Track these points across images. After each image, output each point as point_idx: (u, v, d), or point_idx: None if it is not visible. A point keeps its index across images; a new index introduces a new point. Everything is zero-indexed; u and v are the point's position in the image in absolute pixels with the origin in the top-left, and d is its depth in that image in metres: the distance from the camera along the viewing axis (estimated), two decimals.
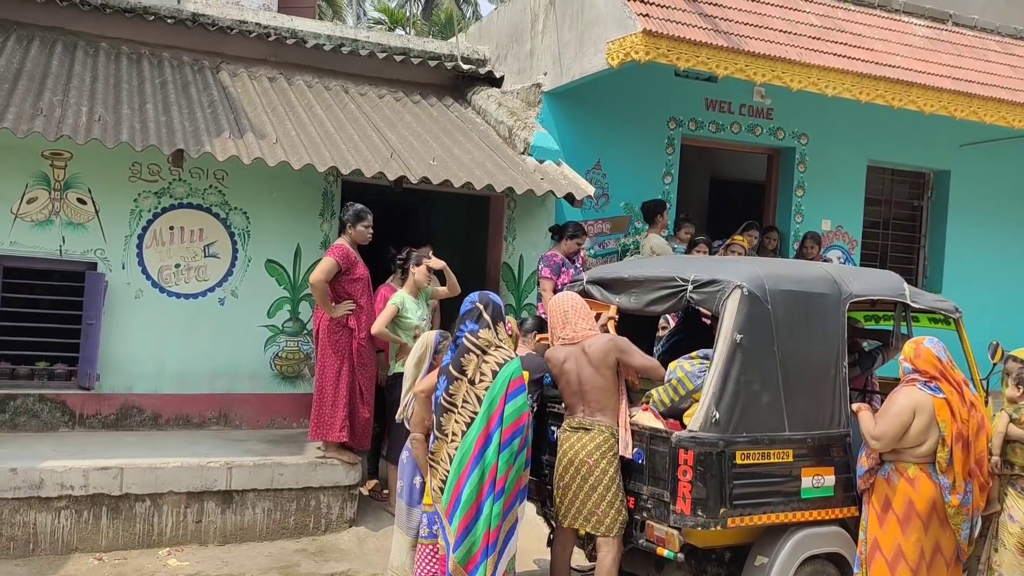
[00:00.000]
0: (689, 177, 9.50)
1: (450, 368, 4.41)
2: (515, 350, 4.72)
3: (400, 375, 6.00)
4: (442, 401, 4.41)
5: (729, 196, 10.95)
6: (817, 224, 9.33)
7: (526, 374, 4.47)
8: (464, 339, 4.40)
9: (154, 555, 5.61)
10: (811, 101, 8.22)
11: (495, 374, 4.31)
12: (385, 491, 6.64)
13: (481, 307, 4.47)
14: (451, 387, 4.39)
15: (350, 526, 6.22)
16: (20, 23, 7.61)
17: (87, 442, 6.15)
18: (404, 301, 6.33)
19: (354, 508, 6.27)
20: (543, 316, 6.13)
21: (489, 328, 4.42)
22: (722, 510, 4.35)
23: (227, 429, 6.92)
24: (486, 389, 4.30)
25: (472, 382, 4.34)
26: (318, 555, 5.87)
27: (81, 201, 6.56)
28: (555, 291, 6.42)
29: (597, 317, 5.15)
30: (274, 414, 7.11)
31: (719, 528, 4.38)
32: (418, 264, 6.40)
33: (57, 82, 6.78)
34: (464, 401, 4.35)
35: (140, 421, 6.71)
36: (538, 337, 5.65)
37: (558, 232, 7.29)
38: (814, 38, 7.79)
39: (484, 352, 4.37)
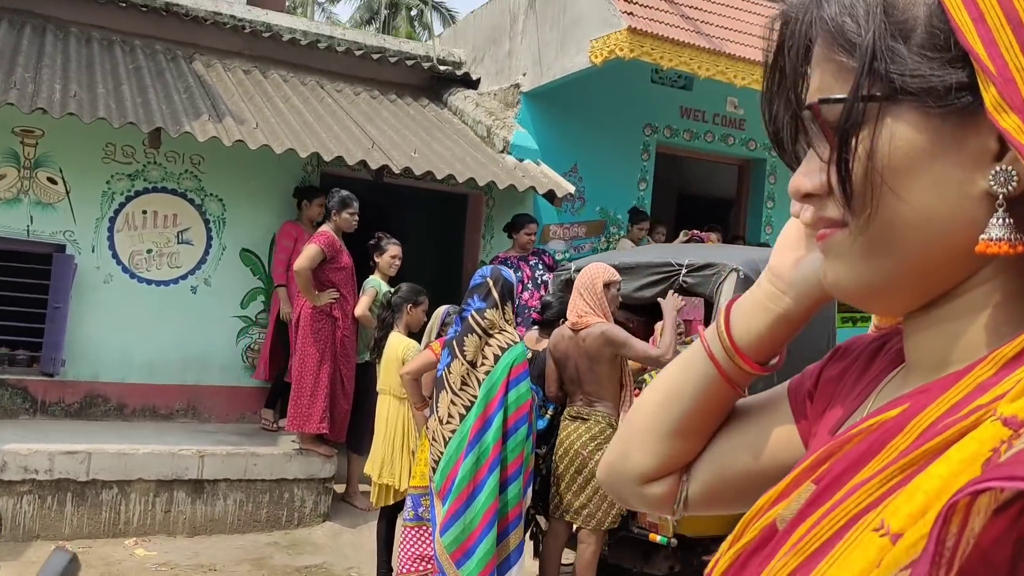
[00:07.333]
0: (659, 189, 9.54)
1: (453, 344, 4.28)
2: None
3: (367, 363, 5.92)
4: (443, 377, 4.27)
5: (696, 210, 11.01)
6: None
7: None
8: (470, 316, 4.23)
9: (120, 544, 5.38)
10: None
11: (497, 359, 4.15)
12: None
13: (491, 283, 4.26)
14: (452, 364, 4.26)
15: (324, 520, 6.05)
16: None
17: (51, 429, 5.91)
18: (380, 286, 6.20)
19: (328, 502, 6.11)
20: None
21: (496, 308, 4.22)
22: None
23: (195, 422, 6.70)
24: (487, 373, 4.14)
25: (473, 364, 4.17)
26: (291, 548, 5.69)
27: (51, 180, 6.34)
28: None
29: None
30: (244, 408, 6.91)
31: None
32: (382, 253, 6.24)
33: (28, 60, 6.57)
34: (464, 384, 4.17)
35: (105, 411, 6.46)
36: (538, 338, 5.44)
37: (509, 228, 7.19)
38: None
39: (488, 334, 4.19)
